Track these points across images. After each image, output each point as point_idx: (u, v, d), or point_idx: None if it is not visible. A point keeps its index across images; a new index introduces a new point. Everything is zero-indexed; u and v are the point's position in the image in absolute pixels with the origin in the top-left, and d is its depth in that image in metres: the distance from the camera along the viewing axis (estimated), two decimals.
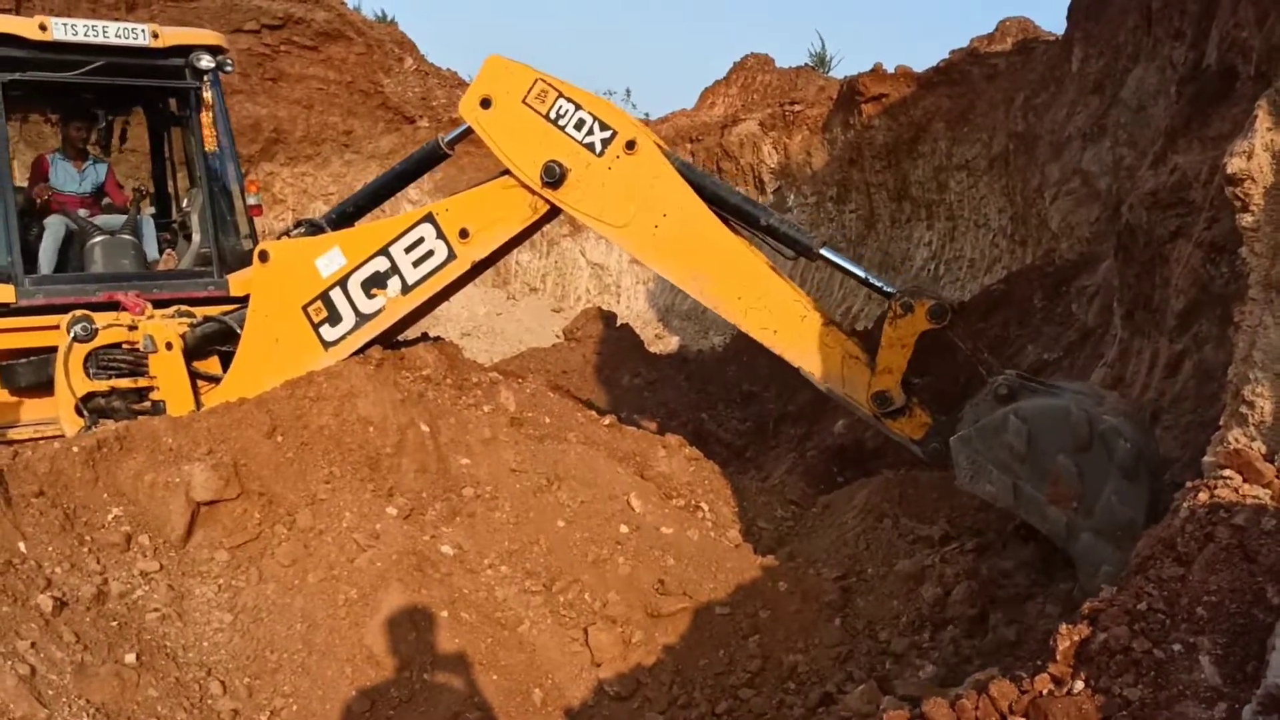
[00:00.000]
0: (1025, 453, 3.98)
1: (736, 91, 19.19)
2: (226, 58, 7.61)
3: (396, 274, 5.52)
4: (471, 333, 19.17)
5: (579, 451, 5.59)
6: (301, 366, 5.62)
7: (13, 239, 6.91)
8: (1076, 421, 3.86)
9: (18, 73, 6.96)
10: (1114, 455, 3.78)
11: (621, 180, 4.99)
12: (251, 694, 4.05)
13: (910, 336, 4.42)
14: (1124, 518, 3.78)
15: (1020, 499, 4.05)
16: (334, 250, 5.62)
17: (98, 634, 3.99)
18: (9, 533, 4.21)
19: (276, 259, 5.78)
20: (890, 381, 4.49)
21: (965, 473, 4.17)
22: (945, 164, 13.65)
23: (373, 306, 5.58)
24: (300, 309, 5.67)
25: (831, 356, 4.65)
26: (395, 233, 5.51)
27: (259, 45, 18.43)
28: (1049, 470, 3.94)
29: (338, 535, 4.75)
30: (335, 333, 5.65)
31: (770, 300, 4.77)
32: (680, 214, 4.91)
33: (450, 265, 5.47)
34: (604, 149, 4.99)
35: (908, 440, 4.57)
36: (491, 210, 5.39)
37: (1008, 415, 4.01)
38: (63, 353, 6.22)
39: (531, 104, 5.10)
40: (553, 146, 5.06)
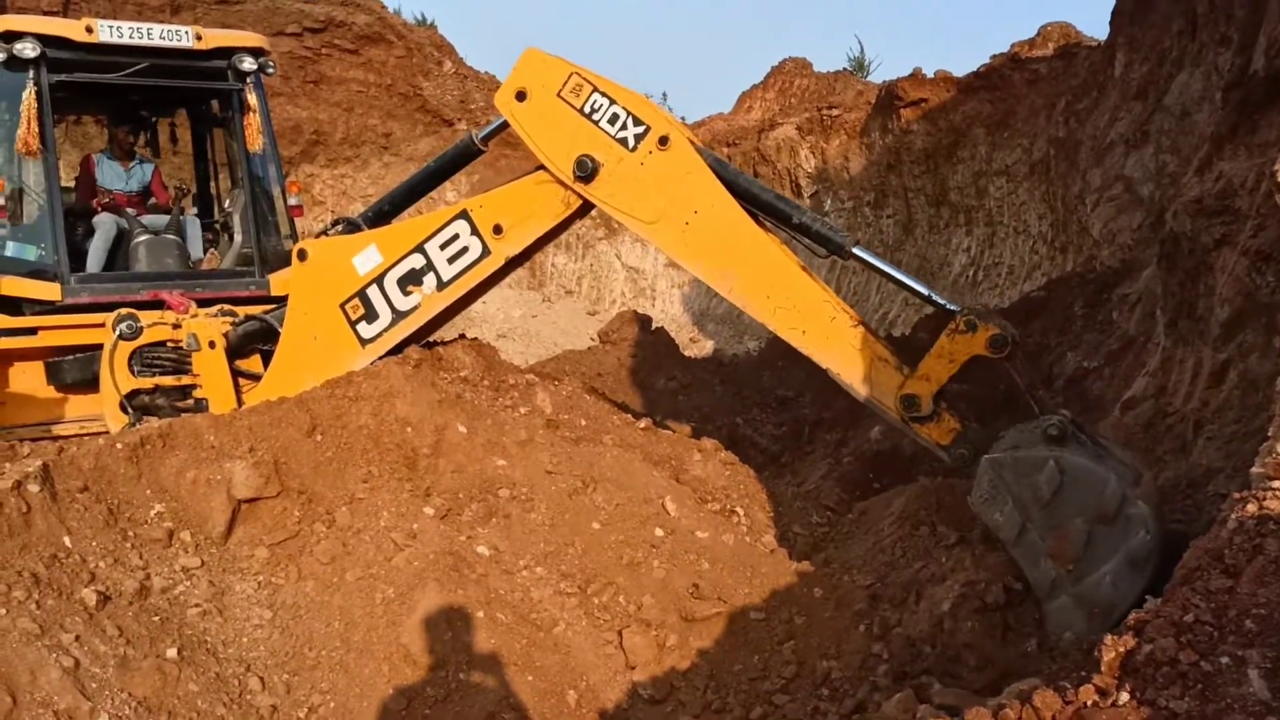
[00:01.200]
0: (1048, 501, 3.92)
1: (774, 95, 19.16)
2: (268, 60, 7.71)
3: (432, 270, 5.55)
4: (507, 334, 19.26)
5: (615, 454, 5.59)
6: (339, 364, 5.67)
7: (59, 238, 7.04)
8: (1110, 495, 3.78)
9: (65, 74, 7.09)
10: (1129, 540, 3.74)
11: (653, 176, 4.98)
12: (290, 690, 4.09)
13: (963, 356, 4.35)
14: (1109, 600, 3.76)
15: (1021, 540, 4.00)
16: (370, 248, 5.66)
17: (140, 628, 4.05)
18: (54, 527, 4.28)
19: (314, 258, 5.84)
20: (924, 388, 4.43)
21: (982, 493, 4.10)
22: (985, 169, 13.54)
23: (409, 303, 5.61)
24: (338, 306, 5.72)
25: (859, 358, 4.60)
26: (430, 230, 5.54)
27: (300, 48, 18.63)
28: (1061, 526, 3.88)
29: (375, 534, 4.79)
30: (372, 330, 5.69)
31: (800, 300, 4.73)
32: (712, 211, 4.89)
33: (485, 261, 5.49)
34: (637, 144, 4.98)
35: (934, 445, 4.50)
36: (525, 206, 5.41)
37: (1049, 460, 3.91)
38: (108, 350, 6.32)
39: (566, 97, 5.09)
40: (586, 140, 5.06)
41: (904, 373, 4.50)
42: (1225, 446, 4.31)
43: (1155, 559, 3.72)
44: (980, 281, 13.41)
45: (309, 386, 5.63)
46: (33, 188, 7.13)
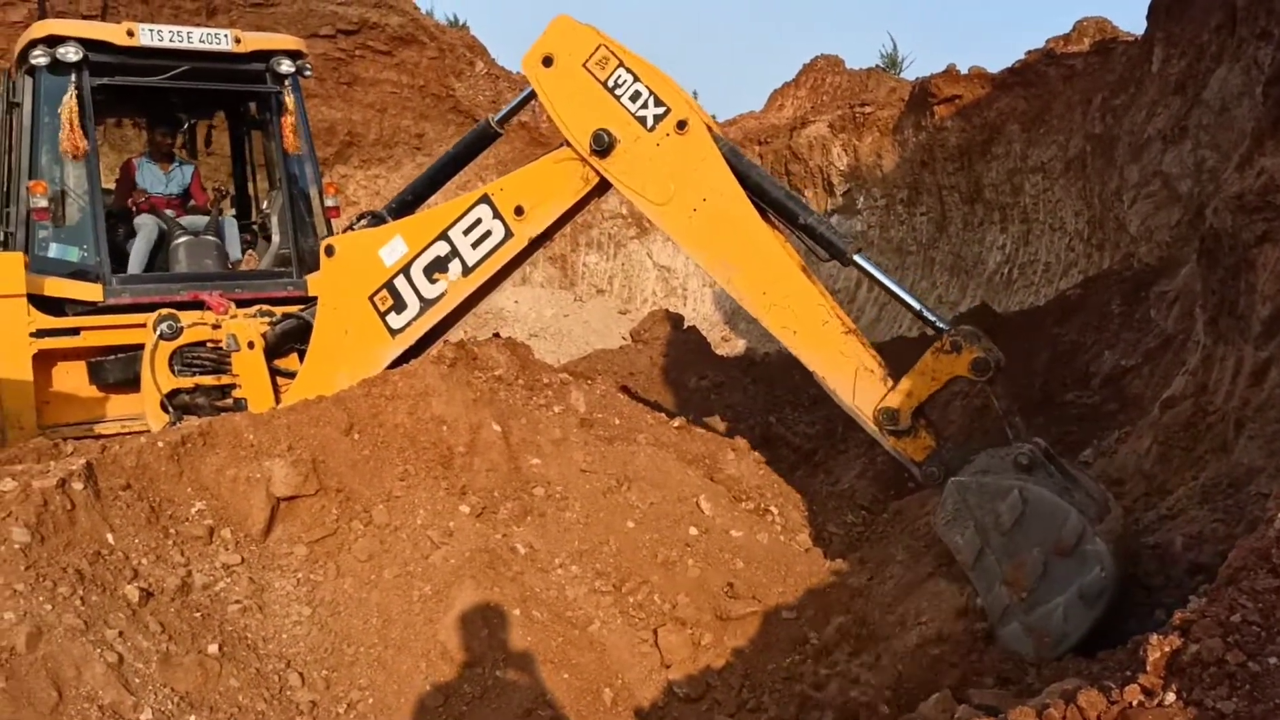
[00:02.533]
0: (1008, 528, 3.92)
1: (806, 93, 19.09)
2: (306, 62, 7.79)
3: (457, 257, 5.57)
4: (539, 334, 19.32)
5: (649, 453, 5.60)
6: (371, 356, 5.72)
7: (101, 240, 7.14)
8: (1070, 529, 3.78)
9: (106, 78, 7.19)
10: (1084, 576, 3.76)
11: (667, 158, 4.97)
12: (329, 686, 4.13)
13: (944, 375, 4.35)
14: (1059, 632, 3.78)
15: (979, 564, 4.01)
16: (396, 239, 5.69)
17: (182, 624, 4.10)
18: (97, 524, 4.33)
19: (342, 252, 5.89)
20: (904, 403, 4.42)
21: (945, 515, 4.11)
22: (1020, 166, 13.43)
23: (435, 291, 5.63)
24: (367, 299, 5.75)
25: (845, 366, 4.59)
26: (453, 216, 5.56)
27: (334, 50, 18.78)
28: (1019, 555, 3.90)
29: (412, 532, 4.82)
30: (401, 320, 5.71)
31: (795, 300, 4.72)
32: (720, 201, 4.88)
33: (508, 243, 5.50)
34: (655, 124, 4.97)
35: (908, 460, 4.49)
36: (545, 185, 5.42)
37: (1013, 488, 3.92)
38: (149, 350, 6.41)
39: (591, 69, 5.08)
40: (605, 115, 5.05)
41: (888, 385, 4.49)
42: (1267, 445, 4.26)
43: (1109, 596, 3.75)
44: (1015, 279, 13.30)
45: (343, 380, 5.69)
46: (75, 190, 7.24)
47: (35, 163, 7.22)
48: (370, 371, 5.73)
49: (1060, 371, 7.57)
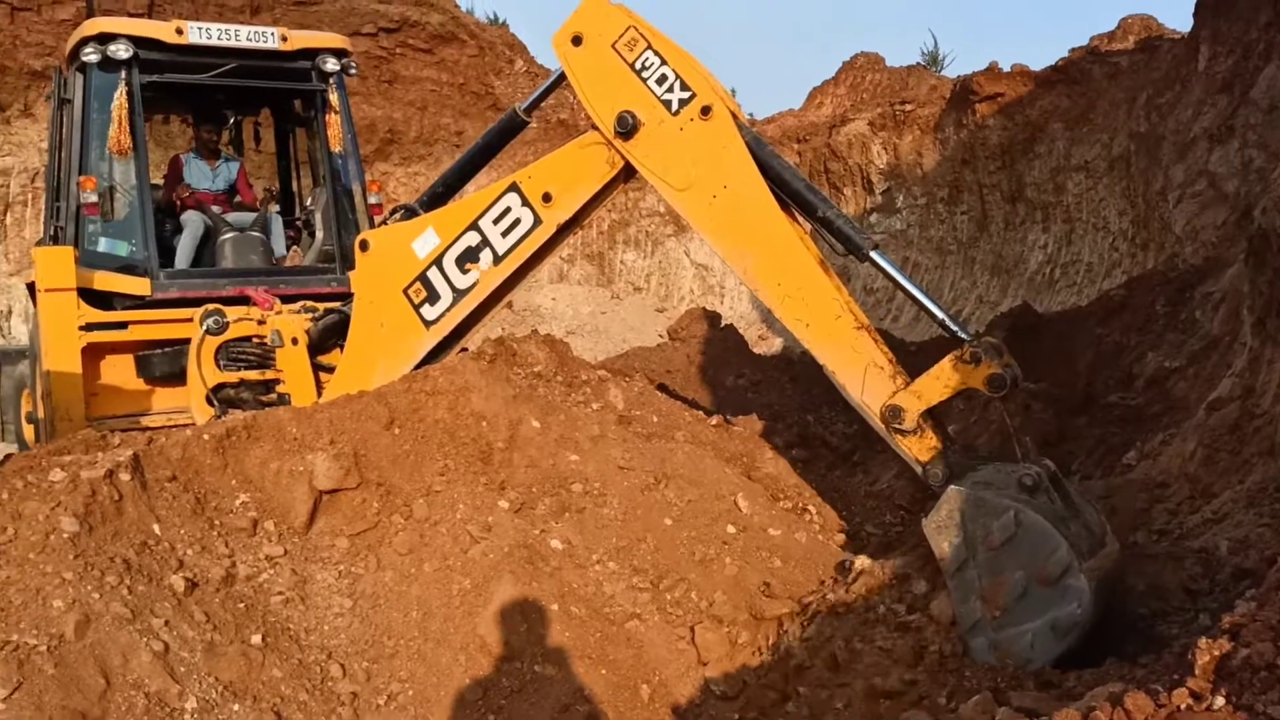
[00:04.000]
0: (996, 547, 3.93)
1: (845, 91, 19.00)
2: (350, 61, 7.85)
3: (487, 246, 5.58)
4: (576, 331, 19.37)
5: (686, 451, 5.61)
6: (407, 348, 5.77)
7: (149, 235, 7.24)
8: (1056, 560, 3.80)
9: (155, 75, 7.29)
10: (1060, 608, 3.79)
11: (690, 144, 4.95)
12: (370, 678, 4.17)
13: (958, 385, 4.32)
14: (1024, 656, 3.81)
15: (959, 575, 4.01)
16: (428, 231, 5.72)
17: (226, 614, 4.16)
18: (144, 515, 4.41)
19: (376, 247, 5.93)
20: (913, 404, 4.39)
21: (938, 520, 4.10)
22: (1063, 165, 13.32)
23: (468, 281, 5.65)
24: (401, 292, 5.79)
25: (856, 362, 4.57)
26: (483, 206, 5.58)
27: (375, 48, 18.93)
28: (1001, 574, 3.90)
29: (452, 526, 4.85)
30: (435, 311, 5.75)
31: (809, 293, 4.70)
32: (740, 189, 4.86)
33: (537, 230, 5.51)
34: (680, 109, 4.94)
35: (912, 459, 4.47)
36: (571, 170, 5.42)
37: (1009, 509, 3.91)
38: (195, 344, 6.50)
39: (620, 50, 5.06)
40: (631, 97, 5.03)
41: (896, 383, 4.47)
42: None
43: (1080, 632, 3.78)
44: (1058, 279, 13.18)
45: (380, 373, 5.74)
46: (123, 185, 7.34)
47: (85, 158, 7.32)
48: (407, 364, 5.78)
49: (1103, 373, 7.50)
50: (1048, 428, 6.99)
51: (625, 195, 21.68)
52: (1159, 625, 4.02)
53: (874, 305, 16.85)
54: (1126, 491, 5.33)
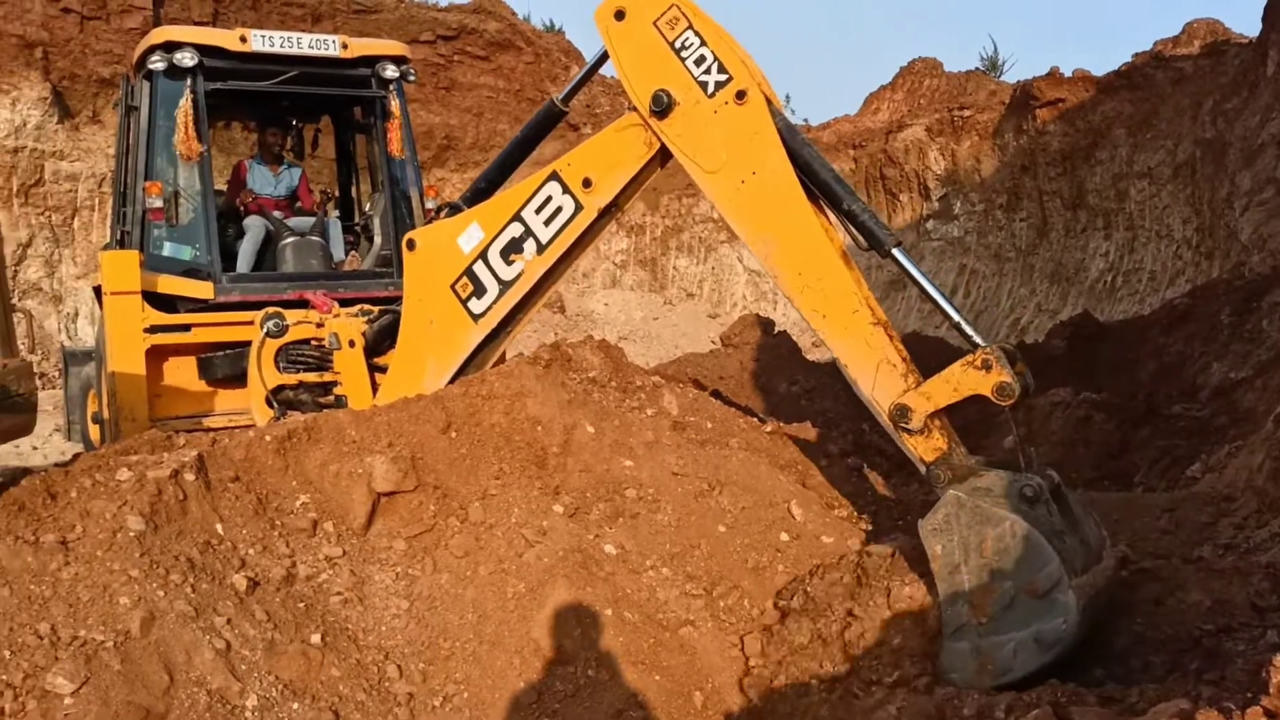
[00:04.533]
0: (989, 555, 3.94)
1: (903, 96, 18.87)
2: (410, 68, 7.95)
3: (531, 236, 5.61)
4: (628, 336, 19.42)
5: (741, 458, 5.58)
6: (456, 343, 5.83)
7: (213, 240, 7.38)
8: (1046, 575, 3.83)
9: (220, 82, 7.44)
10: (1046, 622, 3.83)
11: (722, 127, 4.93)
12: (426, 679, 4.20)
13: (967, 390, 4.29)
14: (1005, 665, 3.83)
15: (950, 578, 4.04)
16: (472, 226, 5.77)
17: (286, 614, 4.21)
18: (208, 515, 4.48)
19: (422, 245, 6.00)
20: (921, 405, 4.37)
21: (935, 523, 4.11)
22: (1126, 171, 13.12)
23: (513, 272, 5.69)
24: (449, 288, 5.83)
25: (869, 357, 4.57)
26: (524, 197, 5.61)
27: (434, 55, 19.16)
28: (990, 582, 3.94)
29: (507, 530, 4.87)
30: (482, 304, 5.79)
31: (828, 285, 4.69)
32: (769, 176, 4.84)
33: (579, 216, 5.53)
34: (715, 91, 4.92)
35: (916, 458, 4.47)
36: (609, 154, 5.44)
37: (1006, 520, 3.92)
38: (256, 347, 6.61)
39: (661, 27, 5.04)
40: (668, 75, 5.02)
41: (907, 382, 4.45)
42: None
43: (1064, 647, 3.79)
44: (1119, 287, 12.97)
45: (431, 370, 5.82)
46: (188, 191, 7.50)
47: (151, 164, 7.49)
48: (457, 358, 5.85)
49: (1167, 383, 7.38)
50: (1110, 439, 6.87)
51: (679, 201, 21.69)
52: (1225, 641, 3.94)
53: (929, 313, 16.68)
54: (1191, 504, 5.23)
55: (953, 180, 16.67)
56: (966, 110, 16.40)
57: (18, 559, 3.95)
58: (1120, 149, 13.21)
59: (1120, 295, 12.86)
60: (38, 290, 17.33)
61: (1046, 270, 14.49)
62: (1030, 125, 14.71)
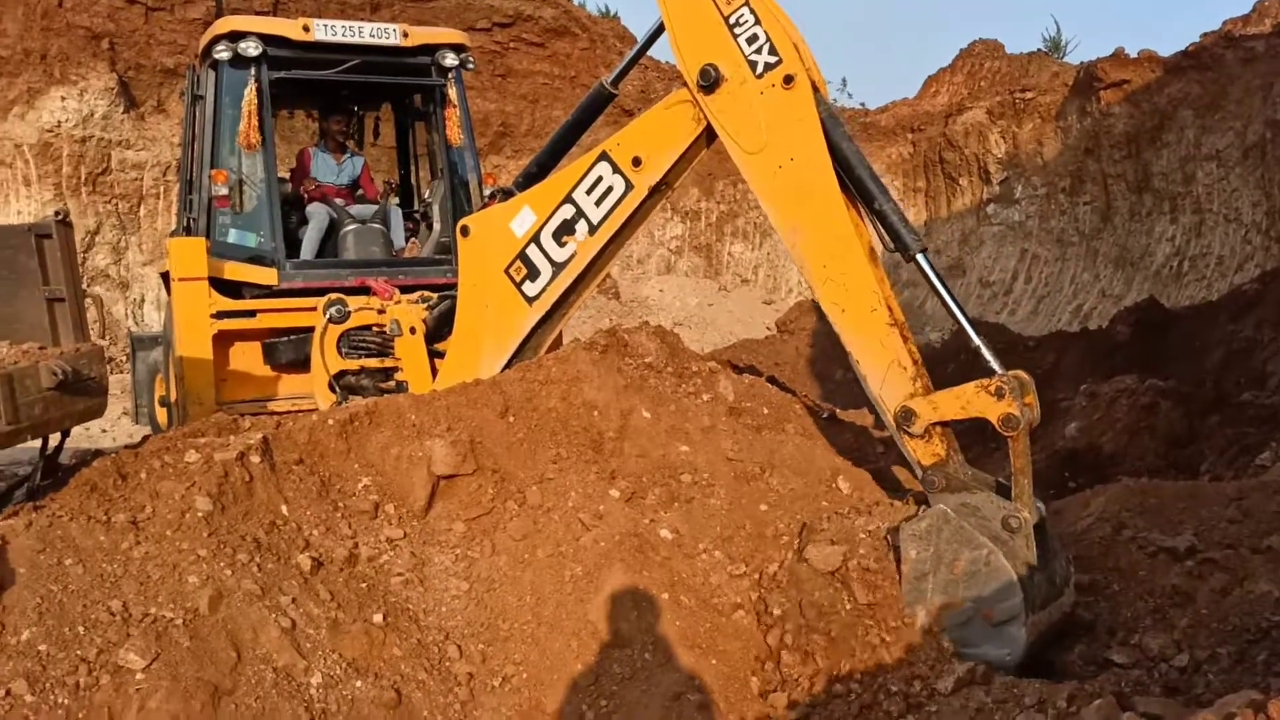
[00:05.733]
0: (958, 574, 4.06)
1: (962, 79, 18.59)
2: (469, 56, 8.00)
3: (582, 217, 5.64)
4: (683, 323, 19.40)
5: (796, 443, 5.57)
6: (511, 326, 5.89)
7: (276, 226, 7.50)
8: (1006, 607, 3.96)
9: (283, 71, 7.54)
10: (994, 650, 3.99)
11: (766, 109, 4.89)
12: (485, 660, 4.26)
13: (974, 411, 4.31)
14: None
15: (915, 583, 4.16)
16: (524, 210, 5.82)
17: (349, 594, 4.29)
18: (273, 496, 4.57)
19: (476, 231, 6.07)
20: (926, 412, 4.40)
21: (916, 529, 4.20)
22: (1193, 154, 12.83)
23: (565, 254, 5.72)
24: (503, 272, 5.89)
25: (882, 356, 4.59)
26: (575, 179, 5.65)
27: (490, 43, 19.25)
28: (953, 598, 4.07)
29: (564, 514, 4.91)
30: (536, 287, 5.84)
31: (851, 280, 4.68)
32: (806, 164, 4.81)
33: (629, 195, 5.55)
34: (764, 72, 4.86)
35: (914, 460, 4.50)
36: (658, 132, 5.44)
37: (985, 548, 4.02)
38: (319, 332, 6.71)
39: (718, 1, 4.99)
40: (719, 50, 4.98)
41: (915, 386, 4.48)
42: None
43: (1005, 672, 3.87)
44: (1185, 273, 12.70)
45: (488, 354, 5.89)
46: (252, 179, 7.63)
47: (217, 153, 7.62)
48: (512, 341, 5.90)
49: (1235, 370, 7.23)
50: (1176, 426, 6.75)
51: (734, 187, 21.59)
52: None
53: (990, 299, 16.47)
54: (1261, 493, 5.12)
55: (1014, 164, 16.41)
56: (1028, 92, 16.11)
57: (90, 538, 4.06)
58: (1187, 131, 12.91)
59: (1187, 280, 12.60)
60: (105, 277, 17.75)
61: (1110, 255, 14.22)
62: (1094, 107, 14.43)
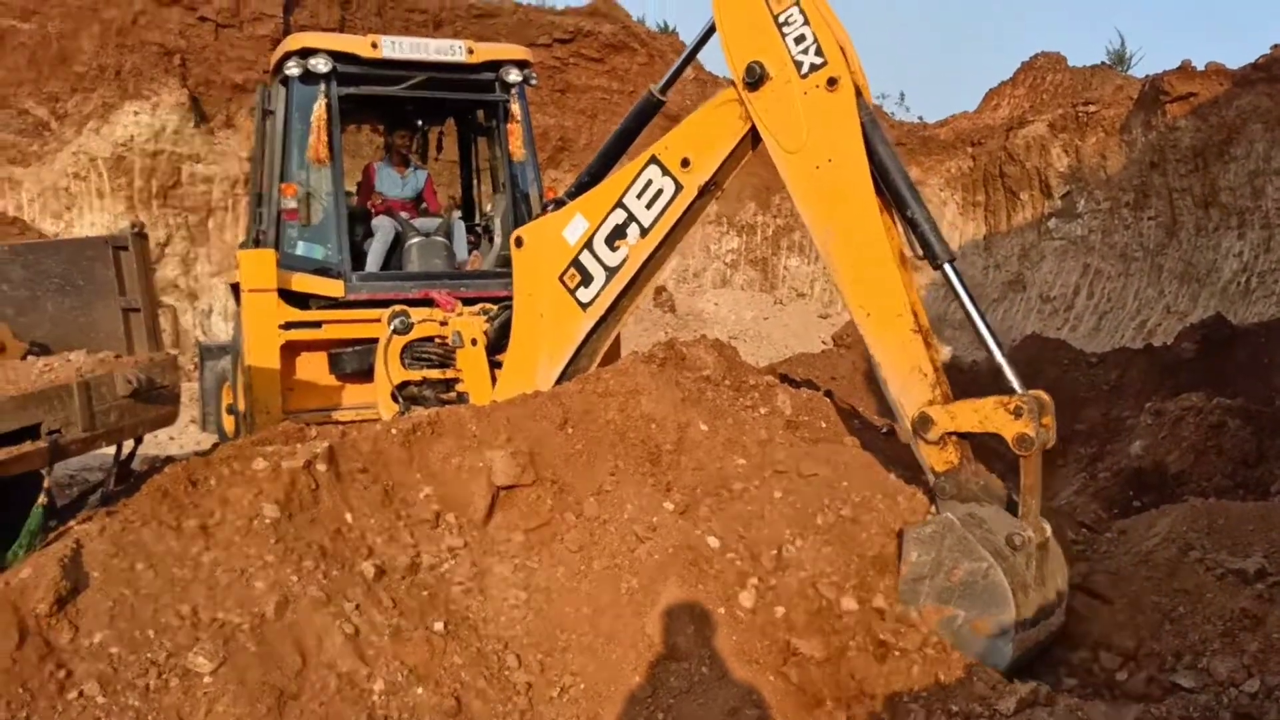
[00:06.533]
0: (955, 583, 4.15)
1: (1024, 92, 18.38)
2: (531, 72, 8.10)
3: (634, 221, 5.73)
4: (738, 336, 19.38)
5: (853, 456, 5.54)
6: (567, 333, 5.98)
7: (343, 240, 7.64)
8: (998, 622, 4.06)
9: (352, 87, 7.69)
10: (979, 658, 4.07)
11: (809, 110, 4.93)
12: (543, 670, 4.29)
13: (991, 427, 4.36)
14: None
15: (912, 585, 4.28)
16: (576, 218, 5.92)
17: (411, 602, 4.35)
18: (338, 504, 4.65)
19: (530, 241, 6.18)
20: (943, 421, 4.46)
21: (921, 534, 4.30)
22: (1262, 168, 12.57)
23: (618, 258, 5.81)
24: (557, 280, 6.00)
25: (904, 362, 4.64)
26: (625, 184, 5.74)
27: (549, 58, 19.43)
28: (946, 605, 4.17)
29: (620, 526, 4.93)
30: (590, 293, 5.93)
31: (879, 285, 4.72)
32: (844, 166, 4.84)
33: (679, 196, 5.62)
34: (809, 73, 4.91)
35: (927, 466, 4.57)
36: (706, 131, 5.49)
37: (986, 562, 4.09)
38: (383, 344, 6.82)
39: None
40: (766, 47, 5.02)
41: (934, 394, 4.52)
42: None
43: None
44: (1254, 289, 12.44)
45: (544, 362, 5.99)
46: (320, 192, 7.77)
47: (286, 166, 7.77)
48: (568, 348, 5.99)
49: None
50: (1245, 446, 6.61)
51: (790, 201, 21.53)
52: None
53: (1051, 314, 16.24)
54: None
55: (1076, 178, 16.18)
56: (1092, 106, 15.89)
57: (161, 543, 4.17)
58: (1257, 144, 12.66)
59: (1255, 297, 12.33)
60: (174, 288, 18.16)
61: (1176, 271, 13.96)
62: (1160, 121, 14.19)
